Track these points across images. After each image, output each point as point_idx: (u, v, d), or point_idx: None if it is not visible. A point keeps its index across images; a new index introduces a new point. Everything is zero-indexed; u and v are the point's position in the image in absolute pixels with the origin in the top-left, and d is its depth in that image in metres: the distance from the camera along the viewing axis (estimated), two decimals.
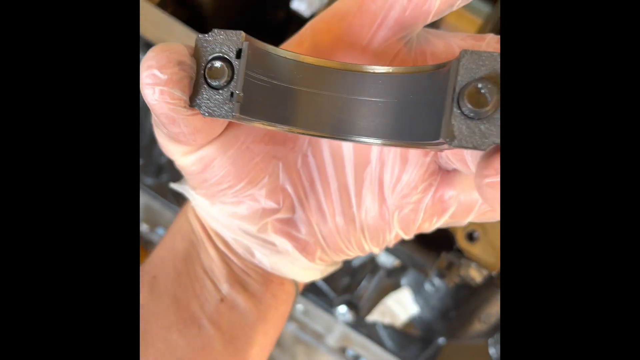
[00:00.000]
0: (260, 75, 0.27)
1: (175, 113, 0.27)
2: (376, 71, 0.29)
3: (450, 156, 0.29)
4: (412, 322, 0.54)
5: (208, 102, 0.27)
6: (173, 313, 0.35)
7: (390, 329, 0.55)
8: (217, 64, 0.26)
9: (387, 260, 0.49)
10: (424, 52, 0.30)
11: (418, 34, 0.30)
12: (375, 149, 0.32)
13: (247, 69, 0.27)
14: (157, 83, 0.26)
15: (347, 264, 0.54)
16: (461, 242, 0.41)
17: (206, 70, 0.27)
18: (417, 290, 0.53)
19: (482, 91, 0.24)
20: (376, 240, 0.34)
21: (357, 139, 0.28)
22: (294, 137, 0.33)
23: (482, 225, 0.41)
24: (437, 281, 0.51)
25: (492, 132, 0.24)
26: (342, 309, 0.54)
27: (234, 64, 0.26)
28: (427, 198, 0.31)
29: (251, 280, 0.36)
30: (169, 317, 0.35)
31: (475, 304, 0.51)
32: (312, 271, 0.37)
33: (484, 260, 0.40)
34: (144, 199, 0.60)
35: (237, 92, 0.26)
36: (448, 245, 0.43)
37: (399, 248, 0.44)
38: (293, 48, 0.31)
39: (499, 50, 0.26)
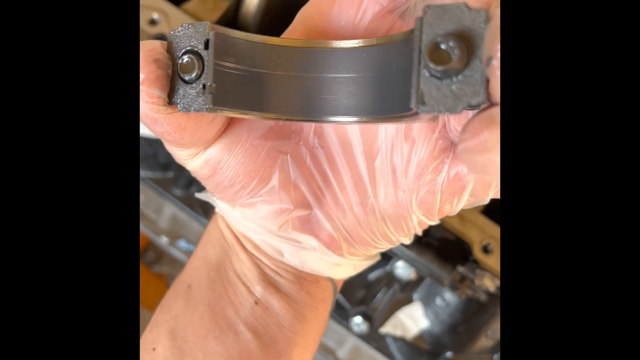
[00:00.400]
0: (231, 64, 0.27)
1: (155, 112, 0.27)
2: (343, 46, 0.27)
3: (459, 128, 0.27)
4: (422, 335, 0.58)
5: (184, 97, 0.26)
6: (209, 320, 0.35)
7: (401, 342, 0.58)
8: (187, 58, 0.26)
9: (405, 273, 0.52)
10: None
11: (415, 3, 0.29)
12: (382, 132, 0.31)
13: (217, 58, 0.26)
14: None
15: (363, 277, 0.58)
16: (477, 253, 0.44)
17: (179, 65, 0.26)
18: (428, 305, 0.56)
19: (442, 46, 0.22)
20: (400, 228, 0.33)
21: (332, 119, 0.28)
22: (299, 129, 0.33)
23: (497, 239, 0.45)
24: (447, 296, 0.55)
25: (465, 92, 0.22)
26: (358, 319, 0.57)
27: (203, 55, 0.26)
28: (441, 177, 0.29)
29: (283, 280, 0.36)
30: (205, 325, 0.35)
31: (483, 320, 0.55)
32: (344, 267, 0.36)
33: (497, 270, 0.44)
34: (172, 210, 0.64)
35: (208, 83, 0.26)
36: (465, 257, 0.47)
37: (418, 259, 0.48)
38: (287, 36, 0.31)
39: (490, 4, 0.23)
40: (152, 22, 0.47)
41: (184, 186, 0.61)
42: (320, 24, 0.30)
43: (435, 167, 0.29)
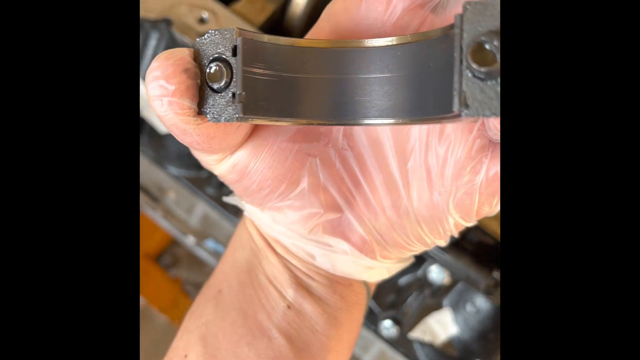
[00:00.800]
0: (260, 69, 0.26)
1: (185, 124, 0.26)
2: (376, 44, 0.27)
3: (498, 126, 0.26)
4: (450, 342, 0.58)
5: (213, 107, 0.26)
6: (240, 326, 0.34)
7: (429, 348, 0.58)
8: (214, 66, 0.25)
9: (439, 277, 0.53)
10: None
11: None
12: (415, 131, 0.30)
13: (245, 65, 0.25)
14: (164, 94, 0.25)
15: (394, 281, 0.58)
16: None
17: (207, 74, 0.26)
18: (458, 311, 0.57)
19: (487, 46, 0.21)
20: (435, 231, 0.32)
21: (366, 121, 0.27)
22: (328, 131, 0.32)
23: None
24: (478, 302, 0.55)
25: None
26: (387, 323, 0.57)
27: (231, 62, 0.25)
28: (479, 177, 0.28)
29: (315, 284, 0.35)
30: (237, 331, 0.34)
31: None
32: (377, 270, 0.35)
33: None
34: (204, 209, 0.64)
35: (237, 92, 0.25)
36: None
37: (454, 263, 0.48)
38: (314, 35, 0.30)
39: None
40: (202, 21, 0.48)
41: (217, 185, 0.62)
42: (348, 21, 0.29)
43: (473, 167, 0.28)
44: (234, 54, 0.25)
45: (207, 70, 0.26)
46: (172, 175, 0.62)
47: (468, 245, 0.48)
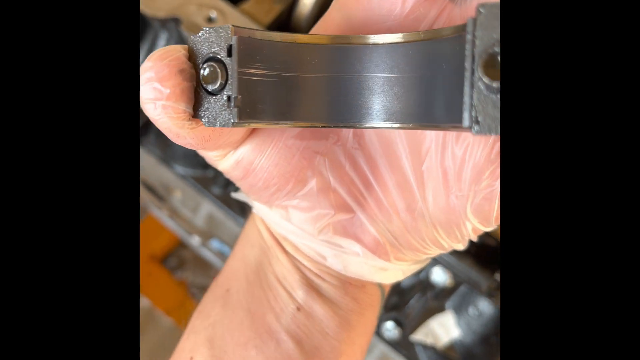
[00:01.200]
0: (258, 70, 0.24)
1: (179, 128, 0.25)
2: (384, 41, 0.25)
3: None
4: (452, 345, 0.57)
5: (208, 110, 0.24)
6: (248, 327, 0.33)
7: (431, 350, 0.58)
8: (208, 67, 0.24)
9: (441, 279, 0.53)
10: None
11: None
12: (430, 132, 0.29)
13: (241, 66, 0.24)
14: (159, 97, 0.24)
15: (396, 284, 0.58)
16: None
17: (201, 75, 0.24)
18: (461, 314, 0.57)
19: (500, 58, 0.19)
20: (452, 235, 0.31)
21: (372, 124, 0.25)
22: (337, 129, 0.31)
23: None
24: (481, 305, 0.55)
25: None
26: (390, 324, 0.57)
27: (226, 63, 0.24)
28: (499, 182, 0.27)
29: (326, 285, 0.34)
30: (245, 332, 0.33)
31: None
32: (391, 271, 0.34)
33: None
34: (209, 208, 0.65)
35: (233, 95, 0.24)
36: None
37: (456, 264, 0.48)
38: (323, 27, 0.29)
39: None
40: (210, 20, 0.49)
41: (223, 185, 0.62)
42: (360, 11, 0.27)
43: (493, 172, 0.27)
44: (229, 54, 0.24)
45: (201, 72, 0.24)
46: (179, 175, 0.63)
47: (470, 247, 0.48)
